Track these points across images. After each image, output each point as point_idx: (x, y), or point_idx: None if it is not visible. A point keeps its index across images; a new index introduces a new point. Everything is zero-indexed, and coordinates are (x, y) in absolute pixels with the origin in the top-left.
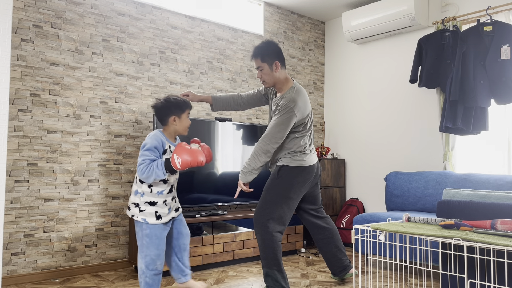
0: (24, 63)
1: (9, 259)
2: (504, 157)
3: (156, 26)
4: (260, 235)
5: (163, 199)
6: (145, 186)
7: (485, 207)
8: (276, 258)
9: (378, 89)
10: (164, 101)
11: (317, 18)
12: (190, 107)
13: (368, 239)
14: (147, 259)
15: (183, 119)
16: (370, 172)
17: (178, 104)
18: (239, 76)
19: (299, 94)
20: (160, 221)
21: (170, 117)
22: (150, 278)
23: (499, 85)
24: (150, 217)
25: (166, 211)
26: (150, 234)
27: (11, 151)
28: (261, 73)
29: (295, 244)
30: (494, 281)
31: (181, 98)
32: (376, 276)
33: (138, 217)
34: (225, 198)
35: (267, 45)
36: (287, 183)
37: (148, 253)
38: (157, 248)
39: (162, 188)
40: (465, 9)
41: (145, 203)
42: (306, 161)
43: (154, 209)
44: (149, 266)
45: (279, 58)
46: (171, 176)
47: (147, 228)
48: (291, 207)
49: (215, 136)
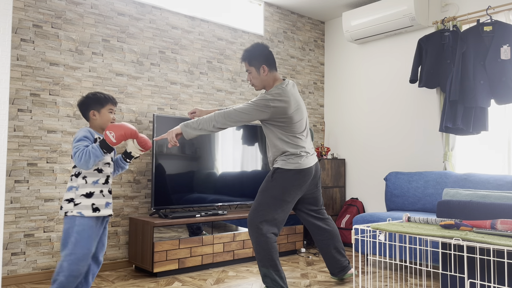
0: (24, 63)
1: (9, 259)
2: (504, 157)
3: (156, 26)
4: (254, 237)
5: (100, 189)
6: (80, 178)
7: (485, 207)
8: (272, 259)
9: (378, 89)
10: (84, 97)
11: (317, 18)
12: (113, 103)
13: (368, 239)
14: (71, 257)
15: (103, 113)
16: (370, 172)
17: (97, 99)
18: (239, 76)
19: (282, 90)
20: (97, 213)
21: (90, 111)
22: (67, 278)
23: (499, 85)
24: (86, 210)
25: (103, 203)
26: (81, 231)
27: (11, 151)
28: (250, 76)
29: (295, 244)
30: (494, 281)
31: (104, 94)
32: (376, 276)
33: (73, 212)
34: (225, 198)
35: (255, 49)
36: (281, 185)
37: (74, 251)
38: (85, 247)
39: (97, 178)
40: (465, 9)
41: (81, 196)
42: (301, 164)
43: (90, 201)
44: (72, 266)
45: (267, 62)
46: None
47: (80, 224)
48: (285, 210)
49: (215, 136)
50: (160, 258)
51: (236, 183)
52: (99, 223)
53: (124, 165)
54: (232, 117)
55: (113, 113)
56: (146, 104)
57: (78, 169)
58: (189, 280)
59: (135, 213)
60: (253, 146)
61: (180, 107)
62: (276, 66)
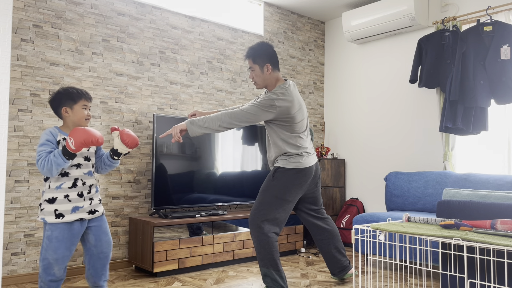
0: (24, 63)
1: (9, 259)
2: (504, 157)
3: (156, 26)
4: (255, 237)
5: (64, 193)
6: (46, 183)
7: (485, 207)
8: (273, 259)
9: (378, 89)
10: (56, 92)
11: (317, 18)
12: (86, 99)
13: (368, 239)
14: (44, 263)
15: (76, 110)
16: (370, 172)
17: (69, 95)
18: (239, 76)
19: (286, 89)
20: (60, 219)
21: (62, 108)
22: (46, 284)
23: (499, 85)
24: (49, 216)
25: (69, 208)
26: (50, 236)
27: (11, 151)
28: (253, 73)
29: (295, 244)
30: (494, 281)
31: (76, 89)
32: (376, 276)
33: (39, 217)
34: (225, 198)
35: (260, 47)
36: (282, 185)
37: (46, 256)
38: (55, 252)
39: (61, 182)
40: (465, 9)
41: (45, 201)
42: (302, 163)
43: (53, 207)
44: (46, 270)
45: (271, 61)
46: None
47: (48, 229)
48: (287, 209)
49: (215, 136)
50: (160, 258)
51: (236, 183)
52: (75, 227)
53: (112, 163)
54: (239, 117)
55: (87, 109)
56: (146, 104)
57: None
58: (189, 280)
59: (135, 213)
60: (253, 146)
61: (180, 107)
62: (279, 66)
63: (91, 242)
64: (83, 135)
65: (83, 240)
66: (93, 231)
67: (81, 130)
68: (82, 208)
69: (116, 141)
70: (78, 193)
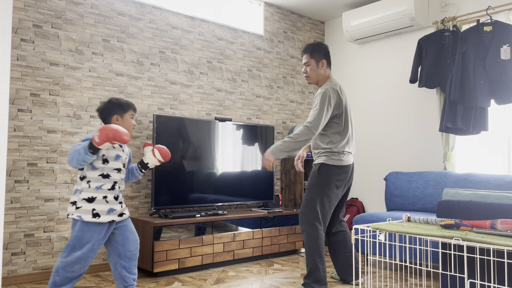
0: (24, 63)
1: (9, 259)
2: (504, 157)
3: (156, 26)
4: (307, 233)
5: (103, 194)
6: (84, 182)
7: (485, 207)
8: (321, 255)
9: (378, 89)
10: (108, 102)
11: (317, 18)
12: (133, 109)
13: (368, 239)
14: (67, 259)
15: (126, 119)
16: (370, 172)
17: (120, 105)
18: (239, 76)
19: (334, 84)
20: (96, 219)
21: (113, 116)
22: (61, 278)
23: (499, 85)
24: (86, 215)
25: (105, 209)
26: (80, 237)
27: (11, 151)
28: (308, 68)
29: (295, 244)
30: (494, 281)
31: (126, 100)
32: (376, 276)
33: (73, 215)
34: (225, 198)
35: (318, 44)
36: (327, 180)
37: (71, 253)
38: (82, 252)
39: (101, 183)
40: (465, 9)
41: (83, 200)
42: (343, 161)
43: (91, 206)
44: (66, 267)
45: (326, 58)
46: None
47: (80, 230)
48: (331, 205)
49: (215, 136)
50: (160, 258)
51: (236, 183)
52: (104, 228)
53: (138, 174)
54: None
55: (134, 119)
56: (146, 104)
57: (84, 173)
58: (189, 280)
59: (135, 213)
60: (253, 146)
61: (180, 107)
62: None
63: (118, 242)
64: (109, 130)
65: (109, 241)
66: (120, 230)
67: (109, 127)
68: (115, 211)
69: (149, 156)
70: (114, 196)
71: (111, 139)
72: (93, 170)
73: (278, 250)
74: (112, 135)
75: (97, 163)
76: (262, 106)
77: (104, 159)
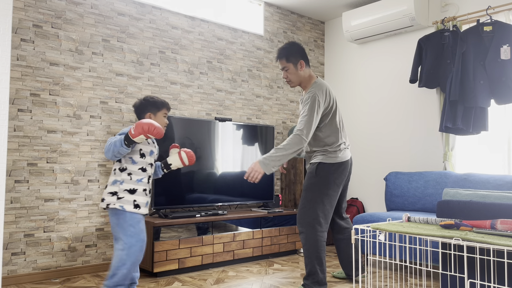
0: (24, 63)
1: (9, 259)
2: (504, 157)
3: (156, 26)
4: (305, 235)
5: (143, 187)
6: (125, 174)
7: (485, 207)
8: (320, 257)
9: (378, 89)
10: (143, 99)
11: (317, 18)
12: (167, 108)
13: (368, 239)
14: (131, 249)
15: (159, 117)
16: (370, 172)
17: (154, 103)
18: (239, 76)
19: (320, 86)
20: (137, 210)
21: (146, 113)
22: (128, 270)
23: (499, 85)
24: (128, 205)
25: (144, 201)
26: (134, 224)
27: (11, 151)
28: (287, 73)
29: (295, 244)
30: (494, 281)
31: (160, 99)
32: (376, 276)
33: (115, 204)
34: (225, 198)
35: (291, 46)
36: (325, 180)
37: (132, 243)
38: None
39: (142, 176)
40: (465, 9)
41: (124, 190)
42: (340, 157)
43: (133, 197)
44: (131, 257)
45: (303, 57)
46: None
47: (131, 218)
48: (332, 204)
49: (215, 136)
50: (160, 258)
51: (236, 183)
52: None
53: (159, 173)
54: (307, 131)
55: (166, 117)
56: None
57: (123, 165)
58: (189, 280)
59: None
60: (253, 146)
61: (180, 107)
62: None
63: None
64: (145, 124)
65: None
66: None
67: (145, 121)
68: (148, 204)
69: (174, 158)
70: (149, 189)
71: (146, 132)
72: (133, 164)
73: (278, 250)
74: (147, 128)
75: (136, 157)
76: (262, 106)
77: (141, 153)
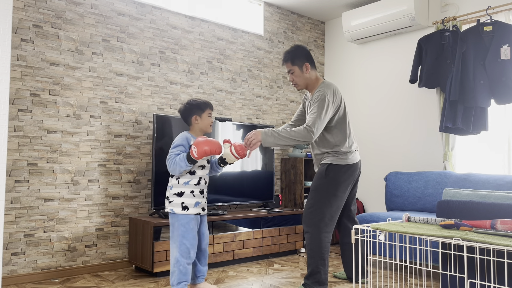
0: (24, 63)
1: (9, 259)
2: (504, 157)
3: (156, 26)
4: (310, 234)
5: (190, 189)
6: (174, 179)
7: (485, 207)
8: (323, 258)
9: (378, 89)
10: (187, 104)
11: (317, 18)
12: (210, 107)
13: (368, 239)
14: (182, 248)
15: (204, 117)
16: (370, 172)
17: (198, 105)
18: (239, 76)
19: (328, 86)
20: (186, 211)
21: (192, 116)
22: (184, 267)
23: (499, 85)
24: (177, 208)
25: (193, 202)
26: (185, 224)
27: (11, 151)
28: (293, 76)
29: (295, 244)
30: (494, 281)
31: (203, 100)
32: (376, 276)
33: (168, 208)
34: (225, 198)
35: (296, 49)
36: (334, 181)
37: (184, 241)
38: (193, 237)
39: (189, 179)
40: (465, 9)
41: (173, 194)
42: (350, 159)
43: (180, 199)
44: (184, 254)
45: (308, 60)
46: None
47: (182, 218)
48: (339, 206)
49: (215, 136)
50: (160, 258)
51: (236, 183)
52: (196, 220)
53: (217, 169)
54: (317, 127)
55: (211, 117)
56: (146, 104)
57: None
58: None
59: (135, 213)
60: None
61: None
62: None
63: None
64: (206, 146)
65: None
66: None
67: (204, 142)
68: (200, 204)
69: (226, 152)
70: (200, 190)
71: (209, 154)
72: None
73: (278, 250)
74: (209, 150)
75: None
76: (262, 106)
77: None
